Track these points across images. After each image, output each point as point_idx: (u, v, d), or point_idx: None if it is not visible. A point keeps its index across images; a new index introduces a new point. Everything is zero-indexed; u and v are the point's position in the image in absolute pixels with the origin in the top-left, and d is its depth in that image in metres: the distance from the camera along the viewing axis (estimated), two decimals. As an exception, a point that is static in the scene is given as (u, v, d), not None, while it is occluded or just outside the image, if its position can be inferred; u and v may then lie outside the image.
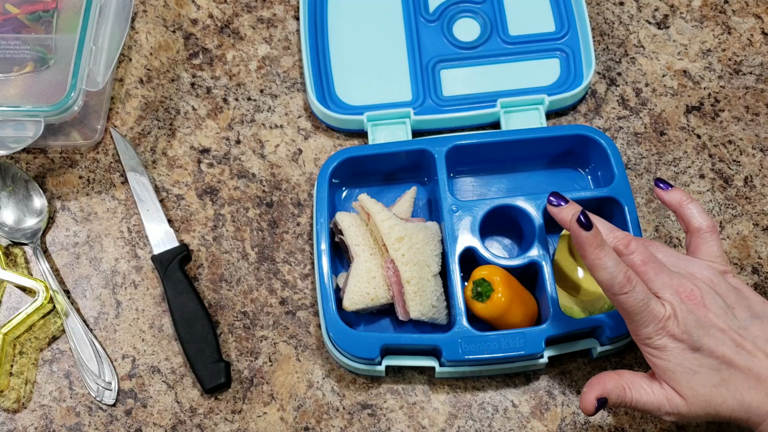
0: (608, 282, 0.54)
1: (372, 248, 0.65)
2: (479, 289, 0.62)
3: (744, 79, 0.76)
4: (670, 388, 0.54)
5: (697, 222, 0.59)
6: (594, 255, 0.54)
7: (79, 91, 0.66)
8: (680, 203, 0.60)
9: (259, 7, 0.80)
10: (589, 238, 0.54)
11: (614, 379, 0.55)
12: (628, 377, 0.56)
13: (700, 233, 0.59)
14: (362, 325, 0.67)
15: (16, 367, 0.67)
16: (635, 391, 0.55)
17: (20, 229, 0.71)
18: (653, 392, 0.55)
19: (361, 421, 0.65)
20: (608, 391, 0.55)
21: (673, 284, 0.55)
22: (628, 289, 0.53)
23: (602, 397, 0.55)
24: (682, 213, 0.60)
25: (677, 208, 0.60)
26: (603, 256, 0.54)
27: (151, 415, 0.65)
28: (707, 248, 0.58)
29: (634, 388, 0.55)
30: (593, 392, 0.55)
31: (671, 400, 0.54)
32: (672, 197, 0.60)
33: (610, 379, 0.55)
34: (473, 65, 0.76)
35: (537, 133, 0.69)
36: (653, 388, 0.55)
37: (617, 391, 0.55)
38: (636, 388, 0.55)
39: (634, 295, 0.53)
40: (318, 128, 0.75)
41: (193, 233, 0.71)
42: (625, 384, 0.55)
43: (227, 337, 0.67)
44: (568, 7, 0.77)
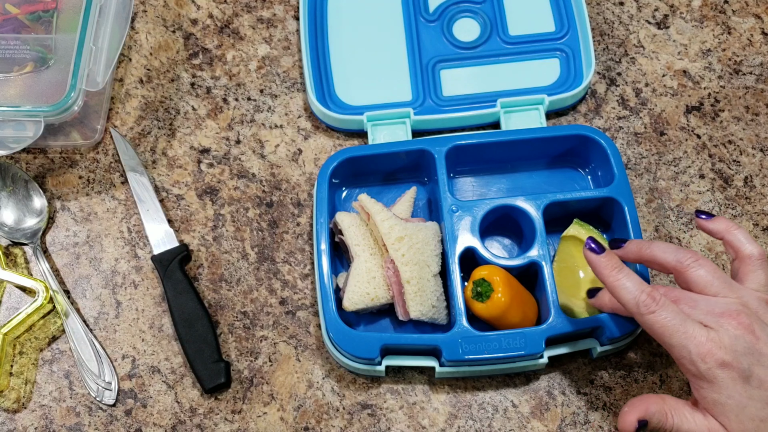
0: (632, 302, 0.53)
1: (372, 248, 0.66)
2: (479, 289, 0.62)
3: (744, 79, 0.76)
4: (713, 420, 0.52)
5: (747, 250, 0.56)
6: (612, 277, 0.54)
7: (79, 91, 0.66)
8: (727, 230, 0.58)
9: (259, 7, 0.80)
10: (603, 261, 0.55)
11: (657, 403, 0.53)
12: (671, 403, 0.54)
13: (752, 260, 0.56)
14: (362, 325, 0.67)
15: (16, 367, 0.67)
16: (677, 418, 0.53)
17: (20, 229, 0.71)
18: (695, 422, 0.52)
19: (361, 421, 0.65)
20: (650, 414, 0.53)
21: (716, 312, 0.52)
22: (654, 308, 0.52)
23: (644, 419, 0.53)
24: (730, 240, 0.57)
25: (724, 235, 0.58)
26: (621, 277, 0.54)
27: (151, 415, 0.65)
28: (756, 277, 0.56)
29: (677, 414, 0.53)
30: (635, 413, 0.53)
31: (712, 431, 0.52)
32: (717, 226, 0.58)
33: (653, 403, 0.53)
34: (473, 65, 0.76)
35: (537, 133, 0.69)
36: (695, 418, 0.53)
37: (659, 416, 0.53)
38: (678, 415, 0.53)
39: (662, 315, 0.52)
40: (318, 128, 0.75)
41: (193, 233, 0.71)
42: (668, 410, 0.53)
43: (227, 337, 0.67)
44: (568, 7, 0.77)
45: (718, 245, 0.70)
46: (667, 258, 0.56)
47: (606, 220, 0.68)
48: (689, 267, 0.55)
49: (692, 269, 0.55)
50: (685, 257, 0.56)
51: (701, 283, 0.55)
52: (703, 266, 0.55)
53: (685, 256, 0.56)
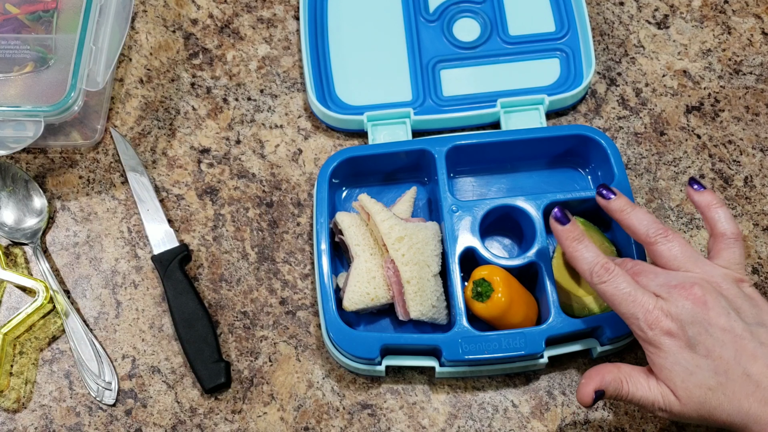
0: (587, 271, 0.56)
1: (372, 248, 0.66)
2: (479, 289, 0.62)
3: (744, 79, 0.76)
4: (665, 386, 0.54)
5: (722, 227, 0.57)
6: (572, 247, 0.57)
7: (79, 91, 0.66)
8: (708, 205, 0.58)
9: (259, 7, 0.80)
10: (565, 231, 0.58)
11: (612, 372, 0.55)
12: (626, 370, 0.55)
13: (724, 238, 0.57)
14: (362, 325, 0.67)
15: (16, 367, 0.67)
16: (632, 385, 0.55)
17: (20, 229, 0.71)
18: (649, 387, 0.54)
19: (361, 421, 0.65)
20: (606, 383, 0.55)
21: (671, 285, 0.54)
22: (606, 278, 0.55)
23: (600, 389, 0.55)
24: (709, 216, 0.58)
25: (705, 210, 0.59)
26: (580, 248, 0.57)
27: (151, 415, 0.65)
28: (728, 254, 0.57)
29: (632, 381, 0.55)
30: (591, 384, 0.55)
31: (665, 398, 0.54)
32: (702, 199, 0.59)
33: (608, 372, 0.55)
34: (473, 65, 0.76)
35: (537, 133, 0.69)
36: (650, 384, 0.54)
37: (615, 384, 0.55)
38: (633, 382, 0.55)
39: (614, 284, 0.54)
40: (318, 128, 0.75)
41: (193, 233, 0.71)
42: (623, 377, 0.55)
43: (227, 337, 0.67)
44: (568, 7, 0.77)
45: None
46: (640, 228, 0.58)
47: (606, 220, 0.68)
48: (657, 241, 0.57)
49: (660, 243, 0.57)
50: (656, 230, 0.57)
51: (666, 257, 0.56)
52: (671, 241, 0.57)
53: (657, 229, 0.57)
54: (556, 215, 0.58)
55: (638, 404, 0.55)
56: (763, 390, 0.51)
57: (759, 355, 0.52)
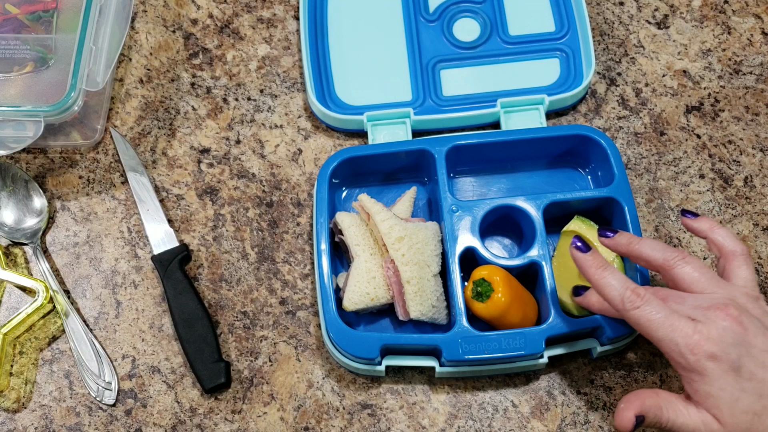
0: (617, 299, 0.54)
1: (372, 248, 0.66)
2: (479, 289, 0.62)
3: (744, 79, 0.76)
4: (706, 413, 0.52)
5: (731, 246, 0.57)
6: (597, 275, 0.55)
7: (79, 91, 0.66)
8: (710, 229, 0.58)
9: (259, 7, 0.80)
10: (589, 260, 0.56)
11: (652, 397, 0.53)
12: (665, 397, 0.53)
13: (735, 256, 0.56)
14: (362, 325, 0.67)
15: (16, 367, 0.67)
16: (672, 412, 0.53)
17: (20, 229, 0.71)
18: (689, 415, 0.52)
19: (361, 421, 0.65)
20: (646, 409, 0.53)
21: (704, 307, 0.52)
22: (639, 304, 0.53)
23: (640, 414, 0.53)
24: (713, 238, 0.58)
25: (708, 233, 0.58)
26: (606, 275, 0.55)
27: (151, 415, 0.65)
28: (742, 273, 0.56)
29: (671, 408, 0.53)
30: (632, 409, 0.53)
31: (707, 426, 0.51)
32: (700, 225, 0.59)
33: (648, 397, 0.53)
34: (473, 65, 0.76)
35: (537, 133, 0.69)
36: (689, 411, 0.52)
37: (655, 410, 0.53)
38: (673, 409, 0.53)
39: (648, 309, 0.52)
40: (318, 128, 0.75)
41: (193, 233, 0.71)
42: (662, 403, 0.53)
43: (227, 337, 0.67)
44: (568, 7, 0.77)
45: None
46: (655, 255, 0.57)
47: (606, 219, 0.68)
48: (676, 264, 0.56)
49: (679, 266, 0.55)
50: (672, 255, 0.56)
51: (687, 280, 0.55)
52: (690, 263, 0.55)
53: (673, 254, 0.56)
54: (576, 245, 0.57)
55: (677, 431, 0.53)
56: None
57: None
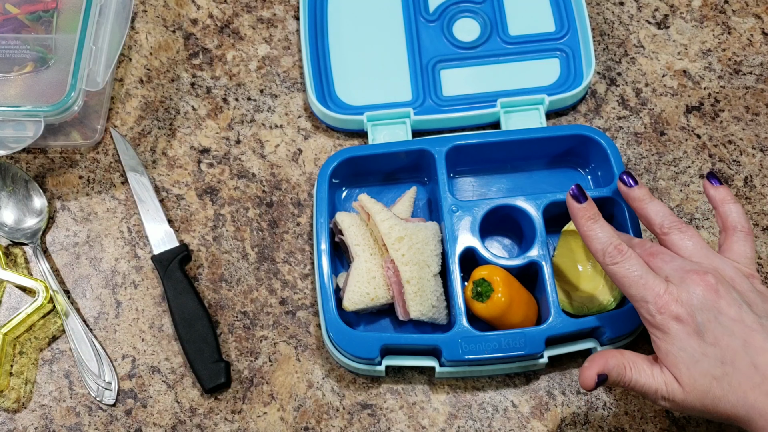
0: (600, 251, 0.56)
1: (372, 248, 0.66)
2: (479, 289, 0.62)
3: (744, 79, 0.76)
4: (669, 374, 0.53)
5: (733, 220, 0.58)
6: (586, 226, 0.57)
7: (79, 91, 0.66)
8: (723, 201, 0.59)
9: (259, 7, 0.80)
10: (581, 210, 0.58)
11: (616, 357, 0.55)
12: (630, 357, 0.55)
13: (735, 231, 0.57)
14: (362, 325, 0.67)
15: (16, 367, 0.67)
16: (635, 372, 0.54)
17: (20, 229, 0.71)
18: (653, 375, 0.54)
19: (361, 421, 0.65)
20: (609, 368, 0.54)
21: (685, 270, 0.54)
22: (618, 259, 0.55)
23: (603, 373, 0.54)
24: (722, 210, 0.58)
25: (718, 205, 0.59)
26: (595, 227, 0.57)
27: (151, 415, 0.65)
28: (738, 248, 0.57)
29: (635, 368, 0.54)
30: (594, 368, 0.54)
31: (669, 386, 0.53)
32: (717, 193, 0.59)
33: (612, 357, 0.55)
34: (473, 65, 0.76)
35: (537, 133, 0.69)
36: (653, 371, 0.54)
37: (618, 369, 0.54)
38: (636, 369, 0.54)
39: (626, 266, 0.54)
40: (318, 128, 0.75)
41: (193, 233, 0.71)
42: (626, 363, 0.54)
43: (227, 337, 0.67)
44: (568, 7, 0.77)
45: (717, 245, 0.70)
46: (656, 218, 0.58)
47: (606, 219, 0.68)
48: (671, 231, 0.57)
49: (674, 233, 0.57)
50: (671, 222, 0.57)
51: (678, 246, 0.57)
52: (685, 233, 0.57)
53: (672, 221, 0.57)
54: (573, 192, 0.58)
55: (641, 392, 0.54)
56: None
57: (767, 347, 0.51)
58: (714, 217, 0.71)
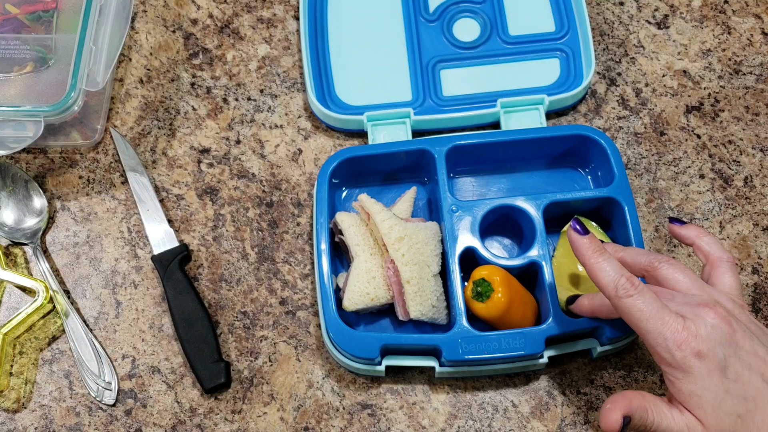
0: (611, 285, 0.52)
1: (372, 248, 0.66)
2: (479, 289, 0.62)
3: (744, 79, 0.76)
4: (690, 415, 0.51)
5: (717, 253, 0.56)
6: (593, 259, 0.54)
7: (79, 91, 0.66)
8: (698, 236, 0.58)
9: (259, 7, 0.80)
10: (585, 243, 0.55)
11: (638, 399, 0.52)
12: (650, 399, 0.53)
13: (722, 262, 0.56)
14: (362, 325, 0.67)
15: (16, 367, 0.67)
16: (657, 414, 0.52)
17: (20, 229, 0.71)
18: (673, 417, 0.51)
19: (361, 421, 0.65)
20: (633, 410, 0.52)
21: (694, 304, 0.52)
22: (632, 292, 0.52)
23: (627, 415, 0.52)
24: (700, 245, 0.57)
25: (695, 240, 0.58)
26: (601, 261, 0.54)
27: (151, 415, 0.65)
28: (728, 279, 0.55)
29: (656, 410, 0.52)
30: (619, 410, 0.52)
31: (691, 428, 0.51)
32: (688, 232, 0.58)
33: (634, 398, 0.52)
34: (473, 65, 0.76)
35: (537, 133, 0.69)
36: (673, 414, 0.51)
37: (641, 412, 0.52)
38: (657, 411, 0.52)
39: (640, 299, 0.51)
40: (318, 128, 0.75)
41: (193, 233, 0.71)
42: (648, 405, 0.52)
43: (227, 337, 0.67)
44: (568, 7, 0.77)
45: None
46: (639, 260, 0.57)
47: (606, 219, 0.68)
48: (660, 266, 0.55)
49: (663, 268, 0.55)
50: (657, 258, 0.56)
51: (672, 280, 0.55)
52: (674, 266, 0.55)
53: (657, 257, 0.56)
54: (575, 227, 0.56)
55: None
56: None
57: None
58: (714, 217, 0.71)
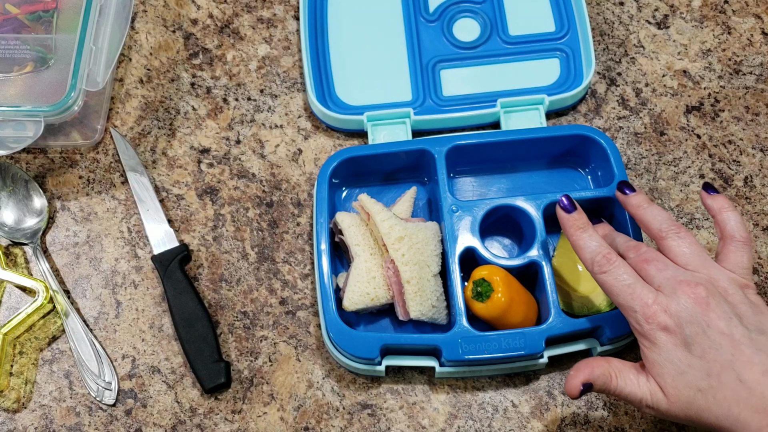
0: (589, 260, 0.56)
1: (372, 248, 0.66)
2: (479, 289, 0.62)
3: (744, 79, 0.76)
4: (655, 383, 0.53)
5: (731, 229, 0.57)
6: (576, 235, 0.58)
7: (79, 91, 0.66)
8: (720, 209, 0.58)
9: (259, 7, 0.80)
10: (570, 219, 0.58)
11: (602, 366, 0.55)
12: (617, 365, 0.55)
13: (733, 240, 0.56)
14: (362, 325, 0.67)
15: (16, 367, 0.67)
16: (621, 380, 0.54)
17: (20, 229, 0.71)
18: (638, 384, 0.54)
19: (361, 421, 0.65)
20: (595, 376, 0.54)
21: (677, 280, 0.53)
22: (606, 268, 0.55)
23: (588, 382, 0.54)
24: (720, 219, 0.57)
25: (716, 213, 0.58)
26: (584, 236, 0.57)
27: (151, 415, 0.65)
28: (735, 258, 0.56)
29: (621, 376, 0.54)
30: (580, 376, 0.54)
31: (654, 395, 0.53)
32: (714, 203, 0.58)
33: (598, 365, 0.55)
34: (473, 65, 0.76)
35: (537, 133, 0.69)
36: (639, 380, 0.54)
37: (603, 378, 0.54)
38: (622, 377, 0.54)
39: (614, 275, 0.55)
40: (318, 128, 0.75)
41: (193, 233, 0.71)
42: (612, 371, 0.55)
43: (227, 337, 0.67)
44: (568, 7, 0.77)
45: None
46: (654, 223, 0.58)
47: (606, 220, 0.68)
48: (668, 236, 0.56)
49: (671, 238, 0.56)
50: (668, 226, 0.57)
51: (674, 252, 0.56)
52: (683, 238, 0.56)
53: (670, 225, 0.57)
54: (562, 203, 0.59)
55: (626, 400, 0.55)
56: (755, 397, 0.50)
57: (755, 362, 0.51)
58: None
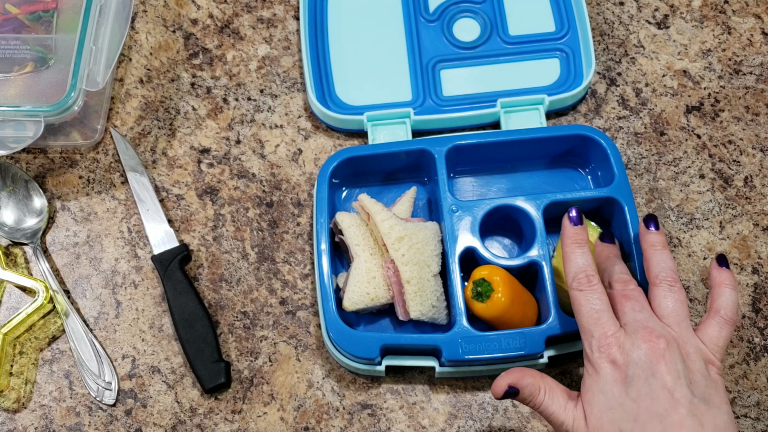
0: (572, 274, 0.56)
1: (372, 248, 0.66)
2: (479, 289, 0.62)
3: (744, 79, 0.76)
4: (581, 411, 0.53)
5: (719, 304, 0.56)
6: (570, 248, 0.58)
7: (79, 91, 0.66)
8: (721, 283, 0.57)
9: (259, 7, 0.80)
10: (572, 231, 0.58)
11: (535, 377, 0.55)
12: (549, 383, 0.55)
13: (717, 315, 0.55)
14: (362, 325, 0.67)
15: (16, 367, 0.67)
16: (548, 398, 0.54)
17: (20, 229, 0.71)
18: (564, 407, 0.54)
19: (361, 421, 0.65)
20: (523, 384, 0.55)
21: (644, 325, 0.53)
22: (584, 288, 0.55)
23: (514, 386, 0.54)
24: (716, 291, 0.57)
25: (716, 285, 0.57)
26: (577, 251, 0.57)
27: (151, 415, 0.65)
28: (712, 332, 0.55)
29: (550, 395, 0.54)
30: (508, 379, 0.55)
31: (576, 422, 0.53)
32: (719, 275, 0.57)
33: (530, 376, 0.55)
34: (473, 65, 0.76)
35: (537, 133, 0.69)
36: (567, 405, 0.54)
37: (531, 389, 0.54)
38: (551, 396, 0.54)
39: (588, 296, 0.54)
40: (318, 128, 0.75)
41: (193, 233, 0.71)
42: (543, 386, 0.55)
43: (227, 337, 0.67)
44: (568, 7, 0.77)
45: (717, 245, 0.70)
46: (655, 267, 0.57)
47: (606, 220, 0.68)
48: (660, 284, 0.56)
49: (661, 287, 0.56)
50: (666, 275, 0.56)
51: (657, 302, 0.55)
52: (673, 293, 0.55)
53: (668, 275, 0.56)
54: (570, 214, 0.59)
55: (548, 419, 0.55)
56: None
57: (686, 425, 0.50)
58: (714, 217, 0.71)
